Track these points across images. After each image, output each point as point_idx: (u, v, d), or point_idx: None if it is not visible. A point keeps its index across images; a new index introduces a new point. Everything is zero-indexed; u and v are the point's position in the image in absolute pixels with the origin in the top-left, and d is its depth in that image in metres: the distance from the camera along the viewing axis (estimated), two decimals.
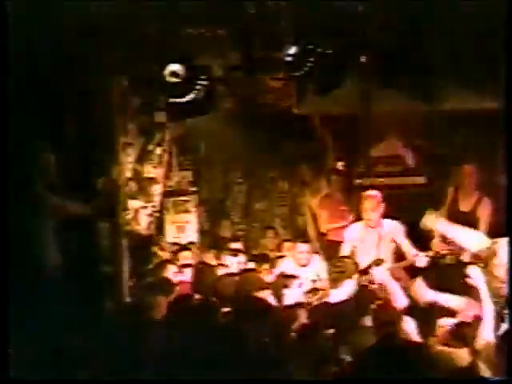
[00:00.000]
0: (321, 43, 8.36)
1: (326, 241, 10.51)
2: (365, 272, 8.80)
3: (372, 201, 9.03)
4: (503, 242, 7.06)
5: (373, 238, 9.03)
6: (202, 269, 8.76)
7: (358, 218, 9.23)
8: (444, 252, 8.55)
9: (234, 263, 9.68)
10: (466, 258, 7.77)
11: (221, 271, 8.92)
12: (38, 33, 7.94)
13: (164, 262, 9.23)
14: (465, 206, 9.33)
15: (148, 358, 6.06)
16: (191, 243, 10.30)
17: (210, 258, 9.93)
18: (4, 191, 6.60)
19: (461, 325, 7.17)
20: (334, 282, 8.62)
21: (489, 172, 10.26)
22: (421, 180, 11.08)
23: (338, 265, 8.76)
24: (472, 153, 10.89)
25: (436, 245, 8.85)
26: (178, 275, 8.67)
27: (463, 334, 6.92)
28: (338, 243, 9.37)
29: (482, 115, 10.24)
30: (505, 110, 7.53)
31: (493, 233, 8.72)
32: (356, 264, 8.71)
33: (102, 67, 8.55)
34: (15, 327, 6.26)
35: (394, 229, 9.03)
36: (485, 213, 9.17)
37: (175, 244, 10.33)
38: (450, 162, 10.70)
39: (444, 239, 8.57)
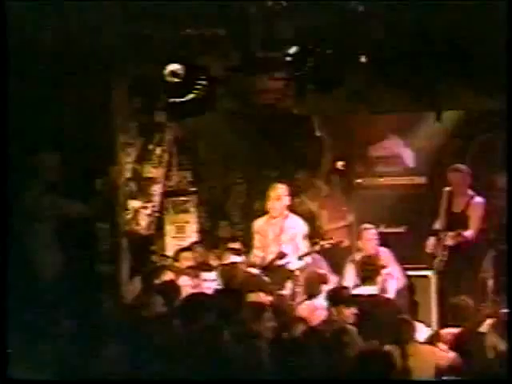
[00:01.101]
0: (321, 43, 8.37)
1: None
2: (268, 266, 8.90)
3: (276, 191, 9.11)
4: None
5: (274, 231, 9.09)
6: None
7: None
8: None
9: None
10: None
11: None
12: (39, 33, 7.94)
13: (164, 266, 9.23)
14: (457, 207, 9.41)
15: (147, 358, 6.07)
16: (196, 243, 10.27)
17: (211, 259, 9.91)
18: (4, 191, 6.60)
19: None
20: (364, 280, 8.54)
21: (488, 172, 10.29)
22: (421, 180, 11.06)
23: (369, 263, 8.68)
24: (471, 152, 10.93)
25: None
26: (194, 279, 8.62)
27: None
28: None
29: (482, 115, 10.26)
30: (505, 110, 7.55)
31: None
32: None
33: (102, 67, 8.55)
34: (15, 327, 6.26)
35: (297, 227, 9.10)
36: (475, 212, 9.24)
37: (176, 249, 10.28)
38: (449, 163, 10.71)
39: None
